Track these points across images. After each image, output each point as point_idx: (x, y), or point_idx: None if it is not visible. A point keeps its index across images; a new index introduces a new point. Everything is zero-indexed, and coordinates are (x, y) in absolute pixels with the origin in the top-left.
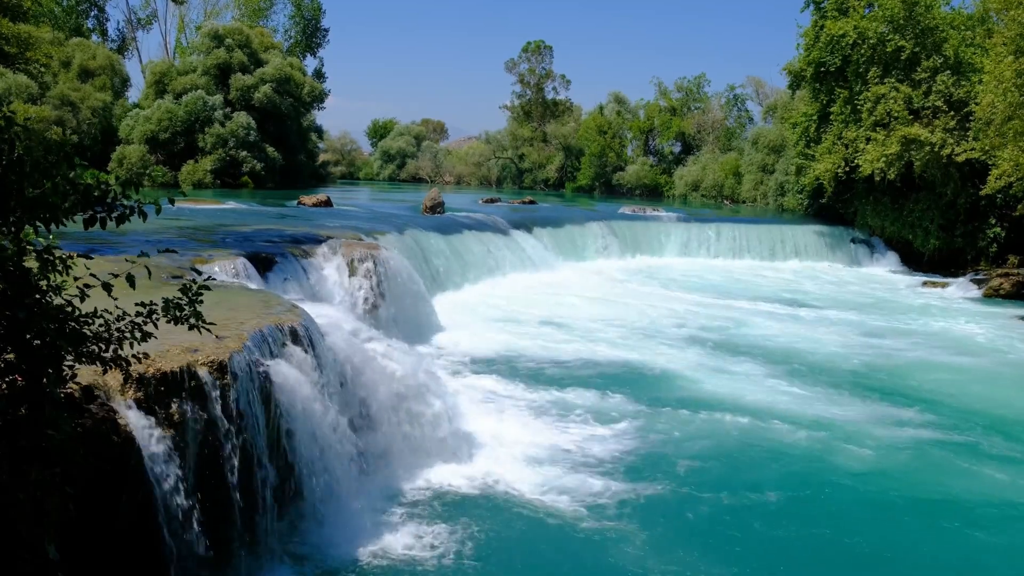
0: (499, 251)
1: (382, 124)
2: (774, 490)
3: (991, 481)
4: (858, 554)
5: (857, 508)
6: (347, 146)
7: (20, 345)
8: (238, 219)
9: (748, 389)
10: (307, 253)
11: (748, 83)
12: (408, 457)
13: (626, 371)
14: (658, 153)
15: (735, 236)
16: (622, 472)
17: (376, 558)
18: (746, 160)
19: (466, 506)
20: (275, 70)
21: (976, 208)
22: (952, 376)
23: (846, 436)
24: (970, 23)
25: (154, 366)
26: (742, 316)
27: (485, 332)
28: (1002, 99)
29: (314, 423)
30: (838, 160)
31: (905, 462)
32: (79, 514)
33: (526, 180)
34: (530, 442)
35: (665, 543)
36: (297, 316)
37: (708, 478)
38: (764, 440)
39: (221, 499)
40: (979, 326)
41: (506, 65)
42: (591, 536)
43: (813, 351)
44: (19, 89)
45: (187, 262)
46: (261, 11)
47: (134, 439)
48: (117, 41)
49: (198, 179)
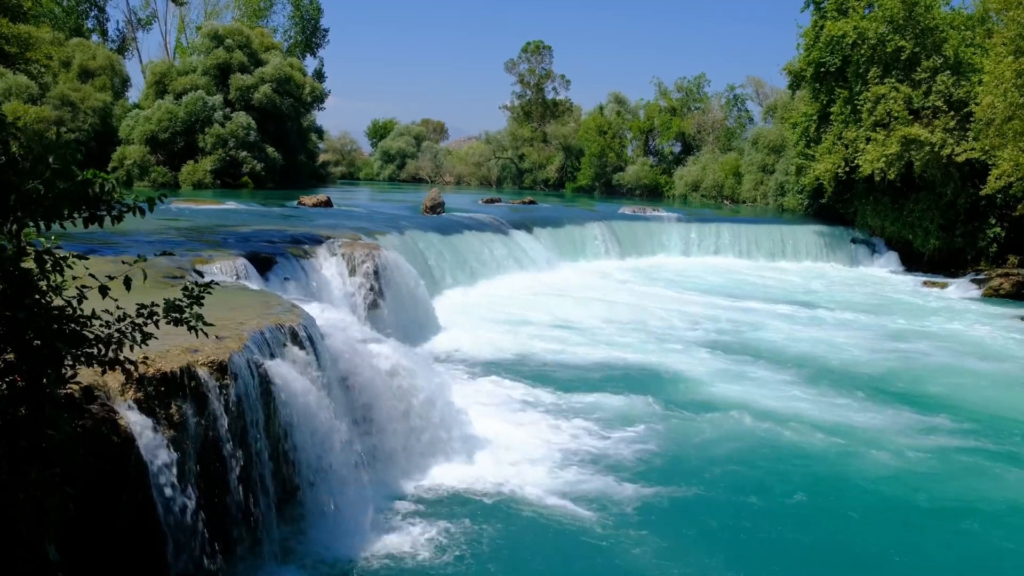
0: (499, 251)
1: (382, 124)
2: (791, 494)
3: (1014, 485)
4: (877, 560)
5: (877, 512)
6: (347, 146)
7: (20, 345)
8: (238, 219)
9: (761, 392)
10: (307, 253)
11: (748, 83)
12: (408, 457)
13: (628, 372)
14: (658, 153)
15: (735, 236)
16: (627, 474)
17: (377, 558)
18: (746, 160)
19: (467, 506)
20: (275, 70)
21: (976, 208)
22: (965, 380)
23: (865, 440)
24: (970, 23)
25: (154, 366)
26: (745, 317)
27: (486, 332)
28: (1002, 99)
29: (314, 423)
30: (838, 160)
31: (925, 465)
32: (79, 514)
33: (526, 180)
34: (532, 443)
35: (672, 546)
36: (297, 316)
37: (710, 479)
38: (781, 443)
39: (221, 499)
40: (983, 327)
41: (506, 65)
42: (595, 538)
43: (825, 354)
44: (19, 89)
45: (187, 262)
46: (261, 11)
47: (134, 439)
48: (117, 41)
49: (198, 179)
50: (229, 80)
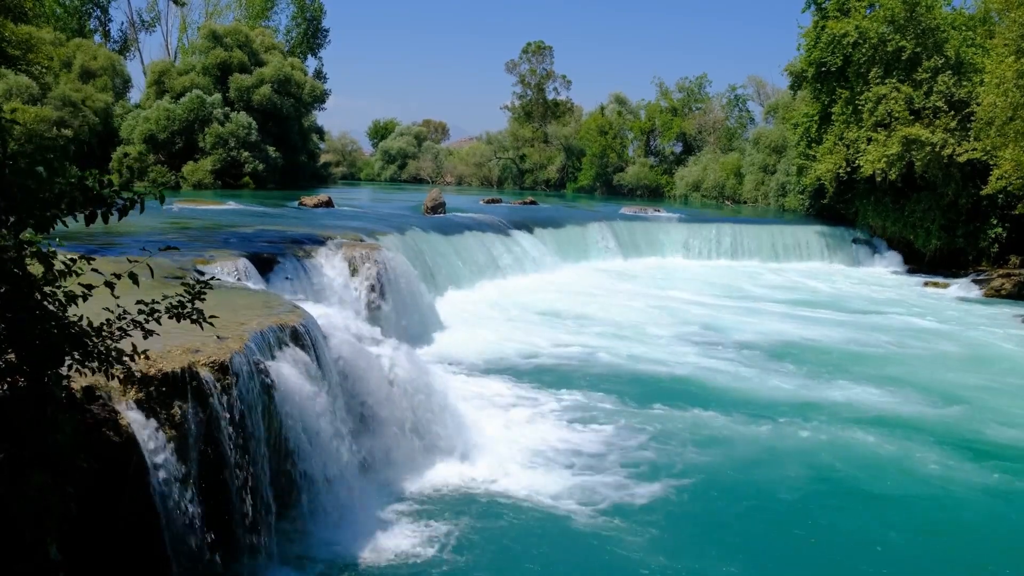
0: (500, 252)
1: (383, 124)
2: (793, 493)
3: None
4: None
5: (924, 534)
6: (348, 146)
7: (22, 346)
8: (239, 219)
9: (761, 390)
10: (308, 253)
11: (749, 83)
12: (409, 457)
13: (629, 371)
14: (659, 153)
15: (736, 237)
16: (627, 474)
17: (377, 558)
18: (747, 160)
19: (468, 506)
20: (275, 70)
21: (977, 208)
22: (965, 380)
23: (894, 443)
24: (971, 23)
25: (155, 367)
26: (746, 316)
27: (486, 333)
28: (1003, 99)
29: (315, 423)
30: (839, 160)
31: (931, 464)
32: (80, 514)
33: (527, 180)
34: (532, 443)
35: (675, 546)
36: (298, 317)
37: (710, 479)
38: (781, 442)
39: (222, 499)
40: (984, 327)
41: (507, 65)
42: (596, 538)
43: (827, 353)
44: (20, 90)
45: (188, 262)
46: (262, 11)
47: (135, 439)
48: (119, 42)
49: (199, 179)
50: (229, 80)
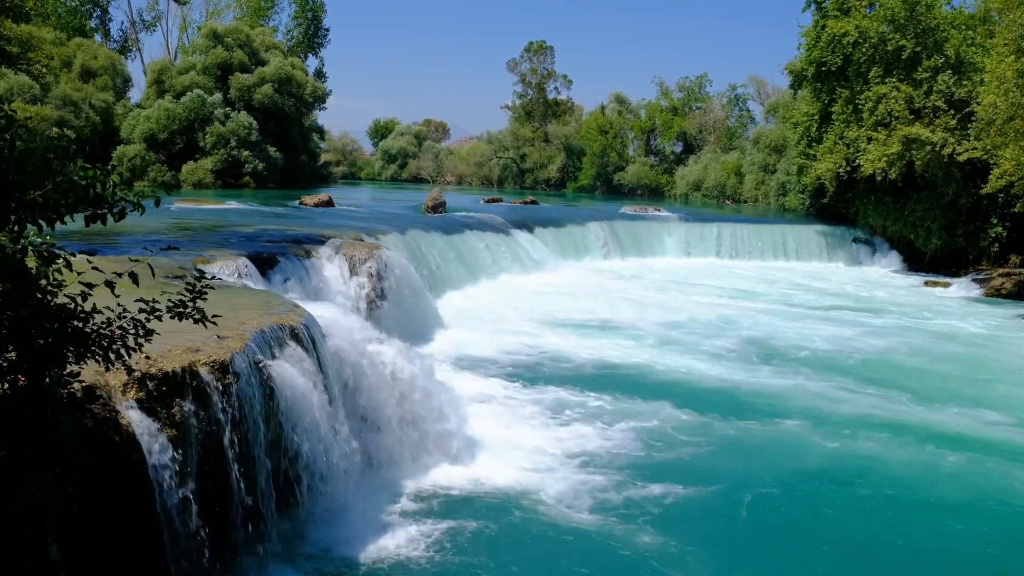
0: (501, 251)
1: (383, 124)
2: (794, 493)
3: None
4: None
5: (945, 536)
6: (348, 146)
7: (23, 344)
8: (239, 219)
9: (759, 388)
10: (309, 253)
11: (750, 83)
12: (410, 457)
13: (629, 371)
14: (659, 153)
15: (737, 236)
16: (627, 474)
17: (378, 558)
18: (747, 160)
19: (467, 506)
20: (276, 70)
21: (978, 208)
22: (966, 380)
23: (900, 444)
24: (971, 23)
25: (156, 366)
26: (746, 316)
27: (487, 332)
28: (1003, 99)
29: (315, 423)
30: (839, 160)
31: (931, 461)
32: (81, 514)
33: (527, 180)
34: (533, 443)
35: (675, 546)
36: (299, 316)
37: (710, 480)
38: (780, 441)
39: (222, 499)
40: (984, 327)
41: (507, 65)
42: (596, 538)
43: (827, 352)
44: (21, 89)
45: (189, 262)
46: (262, 11)
47: (136, 439)
48: (120, 42)
49: (199, 179)
50: (229, 79)
